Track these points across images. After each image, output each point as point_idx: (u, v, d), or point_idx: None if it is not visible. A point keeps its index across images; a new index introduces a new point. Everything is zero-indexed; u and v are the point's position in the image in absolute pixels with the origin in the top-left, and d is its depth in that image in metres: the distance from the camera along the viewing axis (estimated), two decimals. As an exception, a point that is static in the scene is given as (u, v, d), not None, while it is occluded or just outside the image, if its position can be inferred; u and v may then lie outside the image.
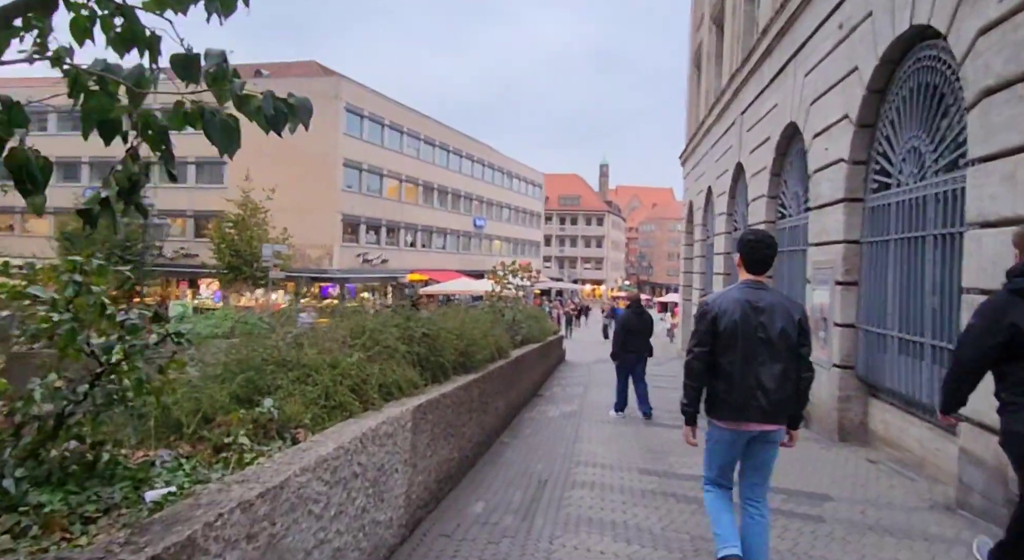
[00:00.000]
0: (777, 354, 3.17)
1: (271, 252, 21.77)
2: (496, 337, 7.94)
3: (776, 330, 3.16)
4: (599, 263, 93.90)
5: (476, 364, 6.39)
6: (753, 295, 3.24)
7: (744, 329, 3.17)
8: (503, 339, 8.44)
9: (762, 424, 3.20)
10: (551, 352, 15.16)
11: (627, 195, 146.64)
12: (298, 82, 33.97)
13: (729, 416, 3.23)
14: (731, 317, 3.19)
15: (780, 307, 3.22)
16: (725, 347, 3.20)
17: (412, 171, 41.11)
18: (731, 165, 13.77)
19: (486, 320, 8.05)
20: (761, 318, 3.18)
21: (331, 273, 33.39)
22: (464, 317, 7.37)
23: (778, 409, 3.18)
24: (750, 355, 3.17)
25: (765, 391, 3.14)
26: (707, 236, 18.03)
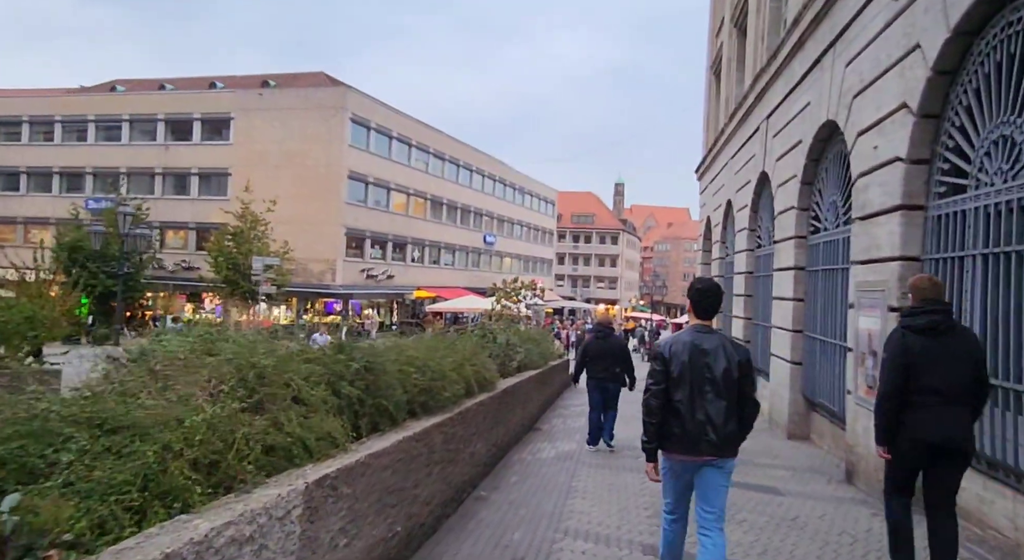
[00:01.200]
0: (721, 392, 3.44)
1: (261, 265, 20.70)
2: (478, 366, 6.70)
3: (720, 370, 3.45)
4: (613, 282, 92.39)
5: (443, 403, 5.14)
6: (700, 338, 3.54)
7: (692, 369, 3.47)
8: (488, 368, 7.19)
9: (712, 456, 3.45)
10: (554, 378, 13.84)
11: (642, 214, 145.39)
12: (304, 93, 33.33)
13: (682, 450, 3.49)
14: (680, 358, 3.49)
15: (723, 349, 3.52)
16: (676, 385, 3.48)
17: (420, 185, 40.20)
18: (754, 175, 12.49)
19: (466, 346, 6.80)
20: (706, 359, 3.47)
21: (334, 289, 32.38)
22: (437, 343, 6.14)
23: (726, 442, 3.45)
24: (698, 393, 3.45)
25: (714, 426, 3.42)
26: (726, 254, 16.68)
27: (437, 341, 6.29)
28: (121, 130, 35.72)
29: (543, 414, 11.72)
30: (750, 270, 13.22)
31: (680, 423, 3.46)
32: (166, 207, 34.84)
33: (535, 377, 10.72)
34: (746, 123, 13.33)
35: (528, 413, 9.86)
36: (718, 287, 3.78)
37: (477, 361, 6.74)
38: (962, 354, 3.64)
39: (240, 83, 36.24)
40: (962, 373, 3.61)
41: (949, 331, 3.69)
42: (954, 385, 3.59)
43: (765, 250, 12.10)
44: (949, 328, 3.70)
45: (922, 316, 3.73)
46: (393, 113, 36.96)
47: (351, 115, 32.74)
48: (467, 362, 6.22)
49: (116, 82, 39.92)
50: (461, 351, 6.42)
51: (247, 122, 33.55)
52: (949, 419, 3.58)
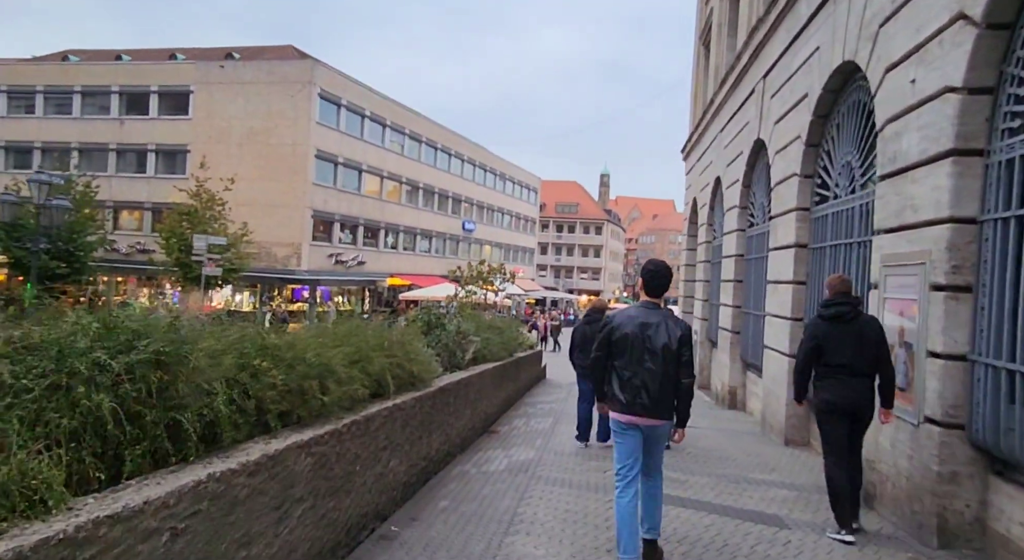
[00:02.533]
0: (658, 361, 3.84)
1: (204, 244, 18.93)
2: (400, 359, 5.19)
3: (659, 343, 3.86)
4: (597, 273, 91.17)
5: (323, 411, 3.63)
6: (645, 315, 3.97)
7: (633, 341, 3.90)
8: (419, 361, 5.69)
9: (647, 418, 3.86)
10: (520, 372, 12.38)
11: (627, 205, 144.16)
12: (269, 65, 31.39)
13: (620, 409, 3.92)
14: (623, 330, 3.94)
15: (665, 324, 3.93)
16: (619, 353, 3.94)
17: (395, 168, 38.42)
18: (747, 146, 11.06)
19: (386, 335, 5.27)
20: (648, 332, 3.89)
21: (299, 274, 30.62)
22: (337, 330, 4.63)
23: (659, 406, 3.85)
24: (637, 361, 3.88)
25: (648, 390, 3.84)
26: (713, 237, 15.29)
27: (337, 327, 4.76)
28: (72, 102, 33.47)
29: (504, 413, 10.25)
30: (740, 252, 11.83)
31: (620, 386, 3.91)
32: (121, 185, 32.78)
33: (493, 371, 9.24)
34: (738, 88, 11.88)
35: (481, 413, 8.38)
36: (668, 269, 4.12)
37: (399, 353, 5.22)
38: (864, 337, 4.55)
39: (202, 55, 34.13)
40: (864, 352, 4.53)
41: (854, 319, 4.61)
42: (856, 361, 4.52)
43: (759, 229, 10.70)
44: (854, 317, 4.61)
45: (832, 307, 4.68)
46: (366, 91, 35.09)
47: (319, 90, 30.86)
48: (378, 354, 4.71)
49: (69, 52, 37.53)
50: (377, 339, 4.91)
51: (208, 96, 31.53)
52: (851, 388, 4.55)
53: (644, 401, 3.83)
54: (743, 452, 7.80)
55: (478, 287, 14.83)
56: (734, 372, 11.87)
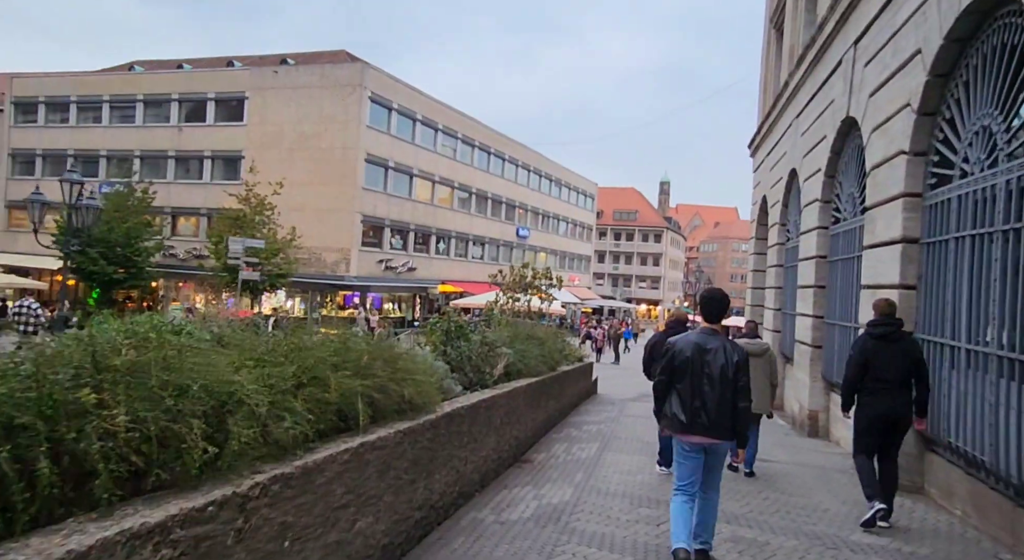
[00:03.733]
0: (715, 385, 4.05)
1: (240, 247, 18.38)
2: (383, 379, 3.98)
3: (717, 367, 4.07)
4: (656, 282, 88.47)
5: (224, 465, 2.42)
6: (704, 339, 4.17)
7: (693, 366, 4.10)
8: (415, 380, 4.46)
9: (705, 437, 4.07)
10: (564, 388, 11.02)
11: (688, 213, 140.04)
12: (321, 70, 31.22)
13: (682, 430, 4.11)
14: (684, 354, 4.14)
15: (722, 350, 4.12)
16: (679, 378, 4.15)
17: (447, 172, 37.72)
18: (831, 128, 9.41)
19: (362, 349, 4.05)
20: (707, 357, 4.10)
21: (348, 280, 30.14)
22: (284, 343, 3.46)
23: (717, 427, 4.04)
24: (696, 385, 4.08)
25: (707, 412, 4.04)
26: (787, 238, 13.54)
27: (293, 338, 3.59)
28: (135, 111, 34.29)
29: (542, 437, 8.92)
30: (822, 253, 10.14)
31: (683, 409, 4.11)
32: (178, 192, 33.25)
33: (528, 389, 7.93)
34: (820, 64, 10.23)
35: (511, 440, 7.09)
36: (724, 295, 4.41)
37: (383, 372, 4.00)
38: (906, 355, 5.15)
39: (259, 63, 34.39)
40: (904, 368, 5.12)
41: (899, 339, 5.21)
42: (898, 376, 5.10)
43: (847, 224, 9.02)
44: (899, 337, 5.22)
45: (880, 327, 5.24)
46: (418, 95, 34.55)
47: (370, 94, 30.42)
48: (344, 375, 3.49)
49: (135, 63, 38.69)
50: (342, 355, 3.70)
51: (262, 102, 31.62)
52: (893, 399, 5.10)
53: (704, 422, 4.05)
54: (837, 499, 6.22)
55: (523, 293, 13.54)
56: (815, 393, 10.15)
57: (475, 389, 6.72)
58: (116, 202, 28.37)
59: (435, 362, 6.05)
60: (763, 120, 16.41)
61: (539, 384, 8.63)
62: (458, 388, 6.41)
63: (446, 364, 6.96)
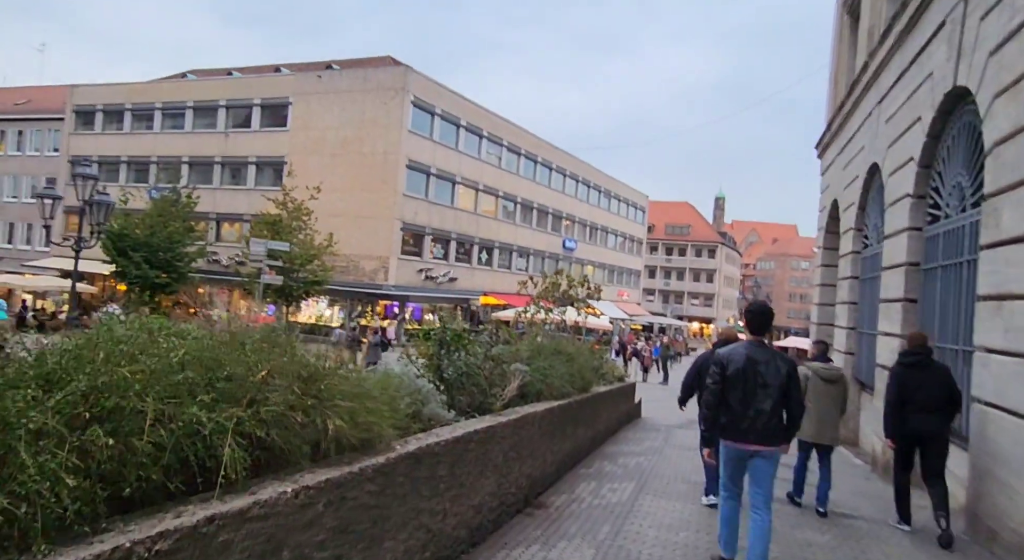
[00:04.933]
0: (767, 395, 4.23)
1: (263, 249, 17.55)
2: (328, 406, 2.67)
3: (770, 378, 4.24)
4: (709, 299, 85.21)
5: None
6: (754, 351, 4.34)
7: (745, 376, 4.26)
8: (359, 408, 3.13)
9: (757, 445, 4.24)
10: (598, 412, 9.52)
11: (744, 229, 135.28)
12: (363, 73, 30.73)
13: (735, 438, 4.30)
14: (736, 365, 4.30)
15: (773, 361, 4.30)
16: (732, 387, 4.29)
17: (491, 181, 36.67)
18: (929, 107, 7.72)
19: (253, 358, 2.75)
20: (758, 368, 4.27)
21: (386, 289, 29.29)
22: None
23: (770, 434, 4.23)
24: (749, 394, 4.25)
25: (761, 421, 4.20)
26: (864, 245, 11.72)
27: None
28: (185, 118, 34.63)
29: (567, 472, 7.46)
30: (914, 260, 8.38)
31: (734, 416, 4.27)
32: (224, 198, 33.25)
33: (546, 415, 6.52)
34: (915, 31, 8.53)
35: (519, 480, 5.67)
36: (768, 308, 4.57)
37: (284, 396, 2.69)
38: (938, 381, 5.66)
39: (304, 68, 34.26)
40: (937, 392, 5.62)
41: (929, 366, 5.75)
42: (931, 400, 5.60)
43: (951, 222, 7.29)
44: (929, 364, 5.76)
45: (911, 356, 5.83)
46: (461, 100, 33.70)
47: (412, 98, 29.69)
48: (192, 399, 2.19)
49: (189, 71, 39.31)
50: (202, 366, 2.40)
51: (305, 107, 31.34)
52: (928, 420, 5.59)
53: (757, 428, 4.22)
54: None
55: (557, 305, 12.11)
56: (904, 430, 8.32)
57: (474, 415, 5.38)
58: (161, 207, 28.40)
59: (416, 381, 4.73)
60: (834, 115, 14.59)
61: (563, 409, 7.19)
62: (449, 414, 5.07)
63: (439, 383, 5.64)
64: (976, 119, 6.49)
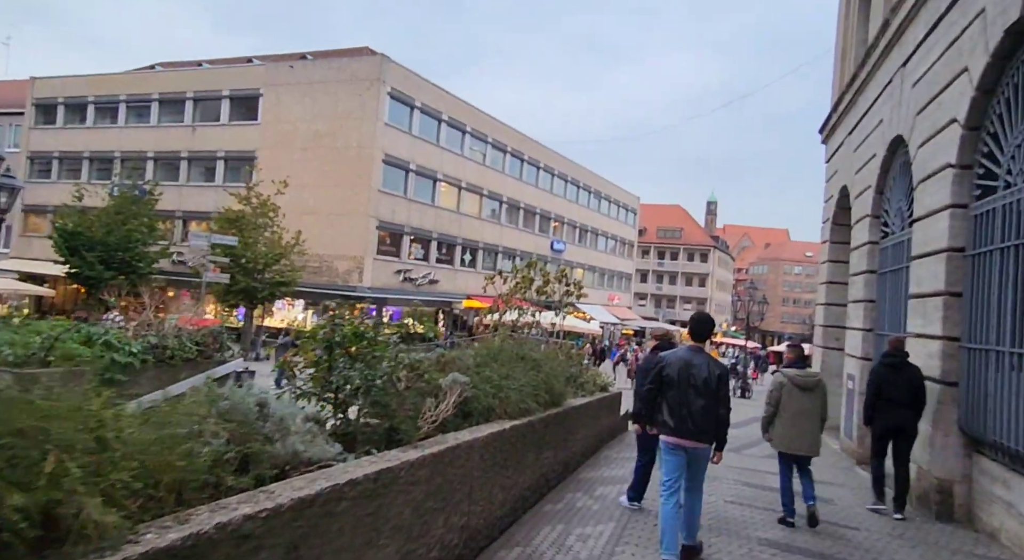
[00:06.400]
0: (699, 395, 4.68)
1: (204, 242, 15.82)
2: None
3: (701, 379, 4.70)
4: (702, 303, 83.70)
5: None
6: (690, 355, 4.83)
7: (680, 377, 4.73)
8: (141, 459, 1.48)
9: (691, 441, 4.68)
10: (573, 430, 7.91)
11: (736, 234, 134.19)
12: (337, 63, 29.12)
13: (672, 434, 4.74)
14: (674, 368, 4.77)
15: (707, 365, 4.76)
16: (669, 387, 4.76)
17: (475, 179, 35.07)
18: (980, 55, 6.19)
19: None
20: (692, 370, 4.73)
21: (360, 291, 27.57)
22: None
23: (700, 431, 4.67)
24: (683, 394, 4.71)
25: (694, 419, 4.66)
26: (884, 233, 10.17)
27: None
28: (150, 111, 32.84)
29: (529, 511, 5.82)
30: (957, 245, 6.82)
31: (671, 414, 4.73)
32: (191, 195, 31.49)
33: (496, 440, 4.91)
34: None
35: (449, 534, 4.04)
36: (710, 319, 5.18)
37: None
38: (910, 380, 6.65)
39: (277, 60, 32.58)
40: (909, 390, 6.61)
41: (904, 368, 6.72)
42: (904, 397, 6.60)
43: (1003, 197, 5.74)
44: (904, 366, 6.73)
45: (890, 358, 6.79)
46: (443, 93, 32.10)
47: (389, 89, 28.06)
48: None
49: (157, 64, 37.52)
50: None
51: (276, 99, 29.64)
52: (900, 415, 6.59)
53: (690, 427, 4.66)
54: None
55: (529, 305, 10.50)
56: (947, 454, 6.76)
57: (380, 448, 3.78)
58: (119, 204, 26.64)
59: (253, 407, 3.10)
60: (842, 93, 13.08)
61: (520, 431, 5.56)
62: (333, 449, 3.46)
63: (332, 403, 4.03)
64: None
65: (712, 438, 4.70)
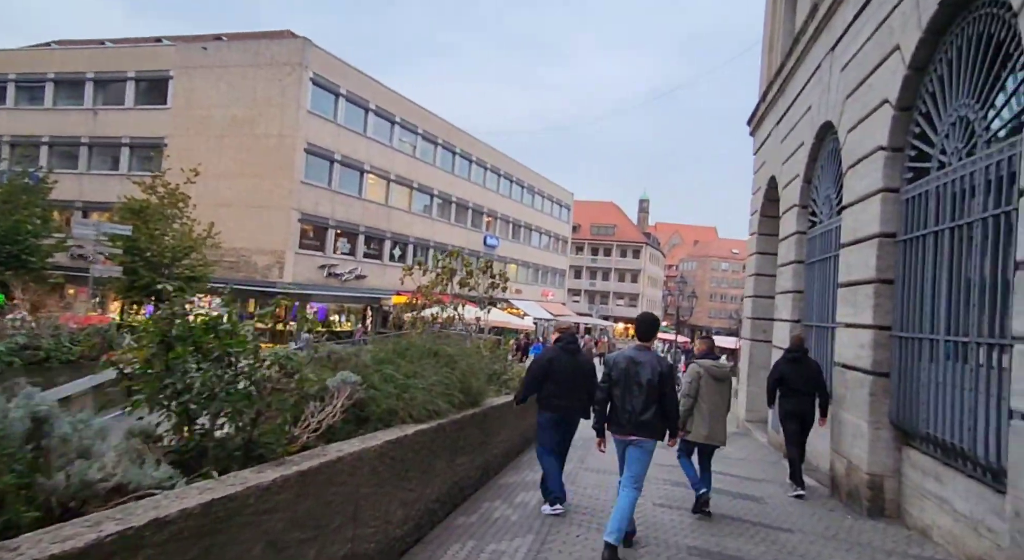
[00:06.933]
0: (642, 392, 4.88)
1: (92, 232, 14.37)
2: None
3: (645, 378, 4.90)
4: (634, 299, 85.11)
5: None
6: (636, 354, 5.03)
7: (626, 375, 4.96)
8: None
9: (633, 435, 4.89)
10: (493, 433, 7.29)
11: (667, 231, 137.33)
12: (255, 46, 27.46)
13: (616, 430, 5.01)
14: (620, 367, 5.02)
15: (651, 363, 4.95)
16: (615, 386, 5.01)
17: (405, 171, 33.97)
18: (912, 30, 5.93)
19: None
20: (637, 369, 4.94)
21: (281, 286, 26.07)
22: None
23: (644, 426, 4.87)
24: (627, 391, 4.93)
25: (636, 415, 4.87)
26: (813, 222, 10.02)
27: None
28: (44, 92, 30.09)
29: (438, 525, 5.13)
30: (888, 230, 6.58)
31: (616, 411, 4.98)
32: (92, 184, 29.06)
33: (394, 448, 4.22)
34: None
35: (344, 547, 3.30)
36: (655, 318, 5.33)
37: None
38: (811, 372, 7.46)
39: (190, 41, 30.45)
40: (809, 380, 7.40)
41: (805, 361, 7.54)
42: (807, 387, 7.39)
43: (949, 174, 5.47)
44: (805, 360, 7.57)
45: (792, 353, 7.60)
46: (371, 82, 30.86)
47: (312, 75, 26.66)
48: None
49: (54, 41, 34.48)
50: None
51: (188, 82, 27.67)
52: (801, 401, 7.40)
53: (634, 422, 4.87)
54: None
55: (451, 299, 9.81)
56: (878, 447, 6.51)
57: (248, 463, 3.02)
58: (6, 192, 24.17)
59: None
60: (770, 83, 12.99)
61: (426, 435, 4.87)
62: (158, 473, 2.68)
63: (173, 411, 3.23)
64: (995, 24, 4.66)
65: (655, 433, 4.91)
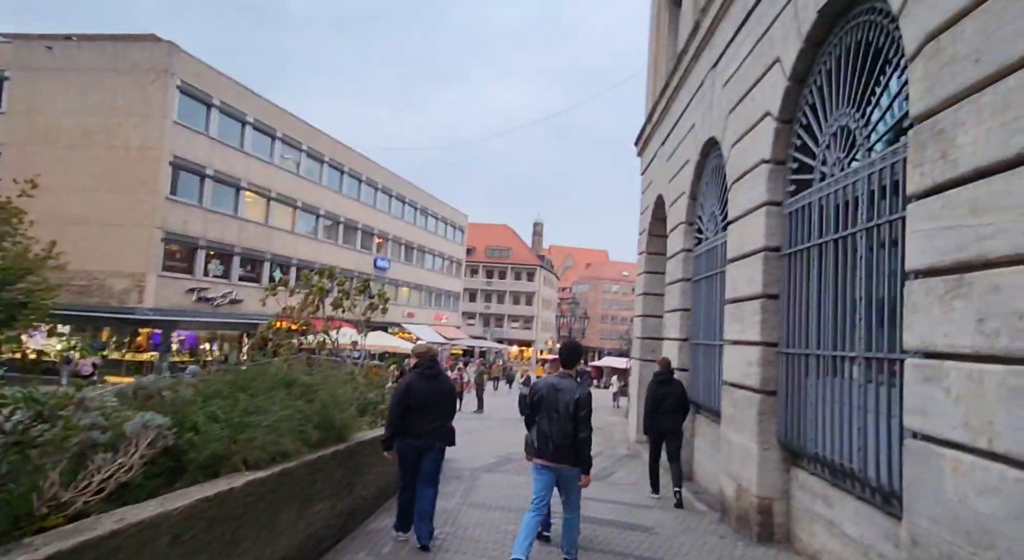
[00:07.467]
0: (562, 419, 4.98)
1: None
2: None
3: (563, 404, 5.00)
4: (528, 322, 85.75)
5: None
6: (558, 382, 5.16)
7: (546, 402, 5.07)
8: None
9: (553, 462, 5.00)
10: (362, 471, 6.41)
11: (561, 254, 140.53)
12: (112, 49, 24.97)
13: (536, 455, 5.13)
14: (541, 393, 5.15)
15: (569, 390, 5.05)
16: (537, 411, 5.13)
17: (287, 189, 32.11)
18: (793, 41, 5.85)
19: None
20: (557, 396, 5.06)
21: (141, 313, 23.50)
22: None
23: (561, 453, 4.98)
24: (548, 418, 5.03)
25: (554, 441, 4.99)
26: (699, 240, 9.97)
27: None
28: None
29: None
30: (773, 244, 6.44)
31: (538, 437, 5.11)
32: (-93, 197, 25.01)
33: (211, 508, 3.25)
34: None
35: None
36: (578, 345, 5.61)
37: None
38: (677, 393, 8.33)
39: (32, 39, 27.24)
40: (674, 400, 8.25)
41: (671, 382, 8.41)
42: (672, 406, 8.22)
43: (831, 186, 5.33)
44: (671, 381, 8.44)
45: (662, 376, 8.48)
46: (249, 94, 28.99)
47: (179, 83, 24.56)
48: None
49: None
50: None
51: (30, 85, 24.66)
52: (669, 420, 8.19)
53: (551, 448, 4.99)
54: None
55: (327, 324, 8.82)
56: (768, 469, 6.25)
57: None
58: None
59: None
60: (654, 104, 13.12)
61: (262, 486, 3.96)
62: None
63: None
64: (872, 32, 4.55)
65: (575, 460, 4.99)
